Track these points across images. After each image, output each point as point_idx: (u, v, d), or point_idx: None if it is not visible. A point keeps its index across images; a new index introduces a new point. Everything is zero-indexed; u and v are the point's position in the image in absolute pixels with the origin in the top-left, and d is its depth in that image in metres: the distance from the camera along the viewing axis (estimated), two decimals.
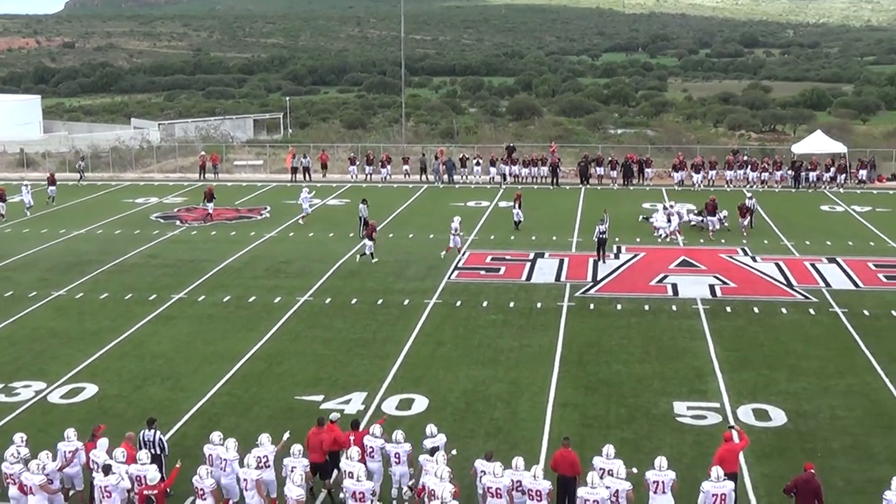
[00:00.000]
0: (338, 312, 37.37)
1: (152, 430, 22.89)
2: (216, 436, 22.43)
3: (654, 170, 68.26)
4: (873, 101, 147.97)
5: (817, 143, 70.24)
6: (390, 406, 27.82)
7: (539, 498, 20.34)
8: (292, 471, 20.89)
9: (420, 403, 28.17)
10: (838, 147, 69.60)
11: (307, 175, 70.14)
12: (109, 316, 37.22)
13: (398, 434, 22.31)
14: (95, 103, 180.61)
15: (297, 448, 21.66)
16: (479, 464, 21.15)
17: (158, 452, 22.58)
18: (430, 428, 22.57)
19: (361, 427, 23.70)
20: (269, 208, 59.14)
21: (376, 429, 22.67)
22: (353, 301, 38.80)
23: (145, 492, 20.38)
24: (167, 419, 26.44)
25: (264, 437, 22.09)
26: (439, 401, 28.18)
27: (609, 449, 21.20)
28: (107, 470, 20.65)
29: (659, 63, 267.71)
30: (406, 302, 38.67)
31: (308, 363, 31.85)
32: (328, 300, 39.03)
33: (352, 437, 22.74)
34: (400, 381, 30.02)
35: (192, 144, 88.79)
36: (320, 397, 28.75)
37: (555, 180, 67.18)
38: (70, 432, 22.68)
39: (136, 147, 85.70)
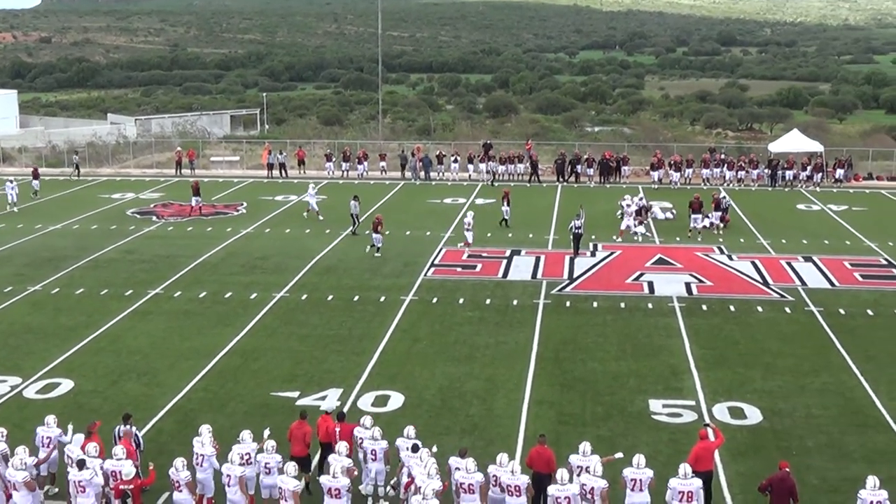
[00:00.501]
0: (314, 309, 37.29)
1: (128, 426, 22.80)
2: (205, 429, 22.44)
3: (630, 167, 68.37)
4: (850, 100, 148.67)
5: (794, 142, 70.47)
6: (366, 403, 27.79)
7: (518, 493, 20.34)
8: (277, 467, 21.16)
9: (396, 400, 28.14)
10: (815, 146, 69.84)
11: (283, 171, 70.00)
12: (85, 311, 37.05)
13: (375, 431, 22.29)
14: (72, 98, 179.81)
15: (271, 444, 21.69)
16: (453, 461, 21.15)
17: (134, 448, 22.47)
18: (409, 430, 22.48)
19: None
20: (245, 204, 58.95)
21: (367, 420, 22.74)
22: (330, 297, 38.73)
23: (121, 486, 20.30)
24: (143, 415, 26.34)
25: (246, 434, 22.05)
26: (415, 397, 28.15)
27: (585, 446, 21.21)
28: (81, 465, 20.56)
29: (636, 61, 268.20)
30: (382, 299, 38.62)
31: (284, 359, 31.78)
32: (304, 296, 38.95)
33: (337, 429, 22.83)
34: (376, 378, 29.98)
35: (169, 140, 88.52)
36: (296, 393, 28.69)
37: (534, 177, 67.19)
38: (50, 418, 22.82)
39: (112, 142, 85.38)
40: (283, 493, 20.24)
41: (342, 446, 21.50)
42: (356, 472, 21.47)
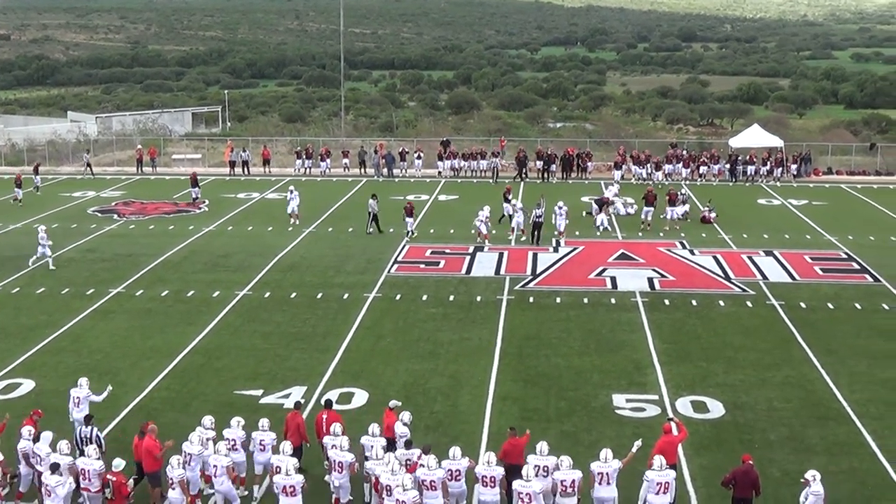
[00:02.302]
0: (277, 306, 37.18)
1: (89, 427, 22.66)
2: (208, 420, 22.86)
3: (594, 163, 68.38)
4: (809, 95, 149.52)
5: (754, 137, 70.87)
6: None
7: (493, 484, 20.45)
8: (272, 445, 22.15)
9: (360, 397, 28.10)
10: (775, 141, 70.25)
11: (246, 169, 69.73)
12: (46, 311, 36.77)
13: (343, 441, 22.03)
14: (31, 96, 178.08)
15: (266, 422, 22.68)
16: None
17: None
18: (374, 428, 22.45)
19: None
20: (207, 202, 58.66)
21: (338, 427, 22.75)
22: (293, 295, 38.61)
23: (108, 477, 20.46)
24: (105, 415, 26.12)
25: (234, 421, 22.64)
26: (379, 395, 28.06)
27: (543, 445, 21.09)
28: (54, 468, 20.46)
29: (597, 57, 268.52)
30: (346, 296, 38.54)
31: (247, 357, 31.66)
32: (267, 294, 38.82)
33: (324, 417, 23.18)
34: (339, 376, 29.92)
35: (130, 138, 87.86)
36: (259, 392, 28.60)
37: (522, 172, 66.80)
38: (83, 380, 24.93)
39: (72, 140, 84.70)
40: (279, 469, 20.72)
41: (344, 440, 21.89)
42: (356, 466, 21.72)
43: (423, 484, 20.34)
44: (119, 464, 20.71)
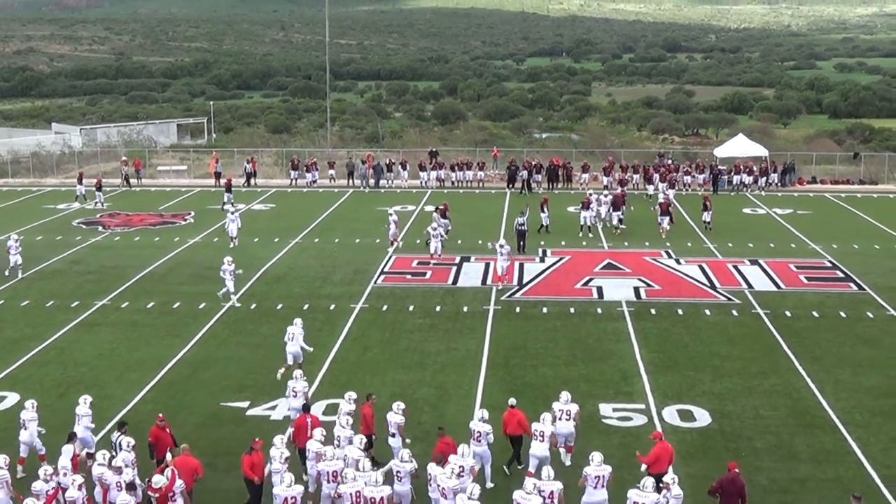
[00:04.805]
0: (263, 318, 37.15)
1: (119, 434, 22.89)
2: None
3: (589, 174, 67.89)
4: (794, 105, 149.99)
5: (739, 147, 71.10)
6: (317, 412, 27.60)
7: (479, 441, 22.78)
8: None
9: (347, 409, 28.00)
10: (760, 150, 70.53)
11: (249, 181, 69.14)
12: (31, 323, 36.67)
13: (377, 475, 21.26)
14: (15, 108, 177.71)
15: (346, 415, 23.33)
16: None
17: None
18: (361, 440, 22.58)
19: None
20: (192, 213, 58.61)
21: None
22: (279, 306, 38.58)
23: (150, 493, 20.52)
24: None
25: (277, 439, 22.13)
26: None
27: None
28: (130, 488, 20.32)
29: (583, 67, 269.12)
30: (332, 307, 38.54)
31: (234, 369, 31.62)
32: (253, 305, 38.79)
33: (308, 420, 23.39)
34: (326, 387, 29.89)
35: (115, 149, 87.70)
36: (246, 403, 28.56)
37: (527, 184, 66.34)
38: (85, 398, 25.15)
39: (57, 152, 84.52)
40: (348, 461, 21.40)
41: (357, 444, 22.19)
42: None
43: (396, 475, 21.38)
44: (159, 480, 20.49)
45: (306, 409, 24.38)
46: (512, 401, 24.76)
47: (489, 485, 23.05)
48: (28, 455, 24.04)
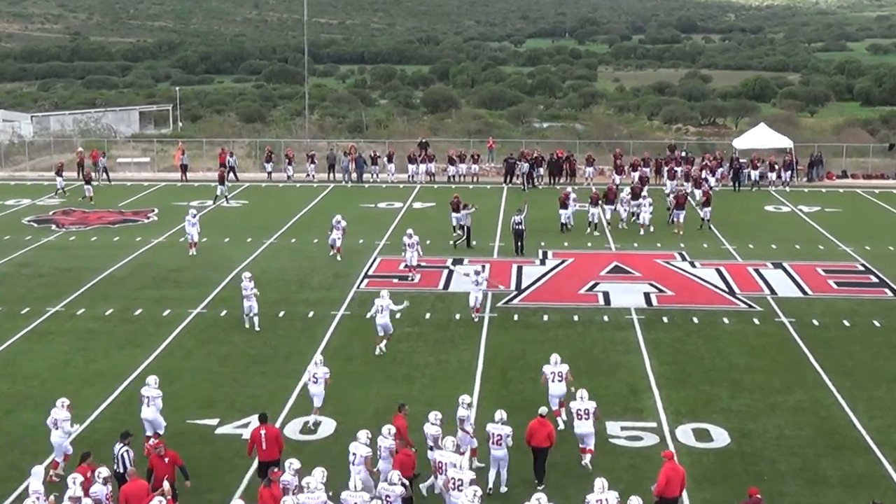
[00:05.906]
0: (235, 326, 37.07)
1: (122, 445, 23.17)
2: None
3: (595, 168, 67.77)
4: (822, 91, 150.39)
5: (761, 138, 71.10)
6: (293, 430, 27.65)
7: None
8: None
9: (327, 426, 28.05)
10: (784, 141, 70.49)
11: (233, 175, 68.49)
12: None
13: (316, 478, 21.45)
14: None
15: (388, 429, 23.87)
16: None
17: (122, 471, 22.71)
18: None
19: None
20: (156, 211, 58.54)
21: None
22: None
23: None
24: (42, 447, 25.93)
25: (318, 471, 21.69)
26: (349, 423, 27.91)
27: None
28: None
29: (588, 50, 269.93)
30: (311, 314, 38.51)
31: (202, 383, 31.56)
32: (224, 312, 38.73)
33: (262, 433, 23.53)
34: (304, 402, 29.77)
35: (70, 139, 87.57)
36: (215, 421, 28.49)
37: (529, 179, 66.34)
38: (151, 379, 26.70)
39: (5, 142, 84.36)
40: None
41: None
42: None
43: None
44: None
45: (263, 418, 24.17)
46: (543, 410, 25.23)
47: (503, 489, 24.02)
48: None
